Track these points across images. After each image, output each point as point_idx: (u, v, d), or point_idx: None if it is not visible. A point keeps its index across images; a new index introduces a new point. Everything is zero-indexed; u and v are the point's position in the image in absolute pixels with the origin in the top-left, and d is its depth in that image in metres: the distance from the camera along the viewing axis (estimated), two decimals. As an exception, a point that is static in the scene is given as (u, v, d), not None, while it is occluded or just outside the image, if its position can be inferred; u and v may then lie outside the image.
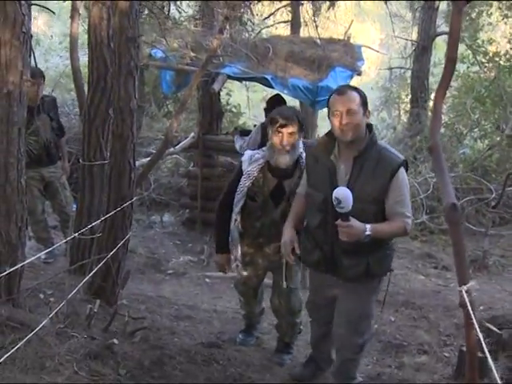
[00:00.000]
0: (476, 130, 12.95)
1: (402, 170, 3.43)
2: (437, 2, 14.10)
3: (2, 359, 3.09)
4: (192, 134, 8.48)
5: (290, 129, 3.90)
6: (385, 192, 3.39)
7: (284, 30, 13.32)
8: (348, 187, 3.30)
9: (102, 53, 4.85)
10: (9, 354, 3.14)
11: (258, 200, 4.17)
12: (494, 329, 4.45)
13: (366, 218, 3.31)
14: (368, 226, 3.28)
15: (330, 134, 3.57)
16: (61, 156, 6.48)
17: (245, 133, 8.02)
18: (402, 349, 5.00)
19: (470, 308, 2.11)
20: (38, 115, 4.94)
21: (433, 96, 15.78)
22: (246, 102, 14.85)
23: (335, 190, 3.20)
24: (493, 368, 1.91)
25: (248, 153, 4.25)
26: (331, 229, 3.44)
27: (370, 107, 3.60)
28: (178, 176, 10.90)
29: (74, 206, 6.54)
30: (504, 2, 13.47)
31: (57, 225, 7.41)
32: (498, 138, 12.16)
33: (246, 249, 4.37)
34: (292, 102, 7.59)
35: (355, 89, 3.52)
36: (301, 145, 4.02)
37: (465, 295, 2.21)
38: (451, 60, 2.54)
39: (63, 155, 6.52)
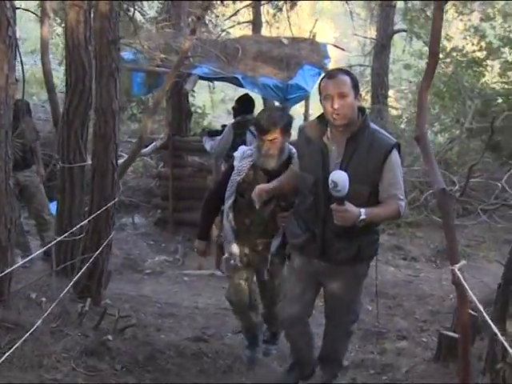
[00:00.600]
0: (436, 124, 13.25)
1: (395, 151, 3.40)
2: (394, 1, 14.39)
3: (2, 360, 3.15)
4: (162, 135, 8.54)
5: (272, 135, 3.87)
6: (378, 174, 3.36)
7: (245, 31, 13.48)
8: (340, 169, 3.29)
9: (80, 56, 4.86)
10: (8, 353, 3.20)
11: (247, 196, 4.06)
12: (472, 312, 4.62)
13: (359, 200, 3.27)
14: (363, 211, 3.21)
15: (322, 116, 3.51)
16: (35, 160, 6.48)
17: (213, 133, 8.11)
18: (382, 336, 5.18)
19: (465, 284, 2.25)
20: (22, 118, 4.95)
21: (391, 93, 16.15)
22: (207, 102, 14.97)
23: (332, 174, 3.14)
24: (498, 334, 2.05)
25: (241, 148, 4.25)
26: (323, 211, 3.42)
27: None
28: (146, 177, 10.93)
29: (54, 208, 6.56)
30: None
31: (29, 229, 7.40)
32: (458, 132, 12.48)
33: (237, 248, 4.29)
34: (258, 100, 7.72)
35: (346, 72, 3.48)
36: (290, 147, 4.03)
37: (458, 273, 2.36)
38: (434, 55, 2.71)
39: (38, 159, 6.52)
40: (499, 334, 2.06)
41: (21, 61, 3.94)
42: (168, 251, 8.05)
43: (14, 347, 3.24)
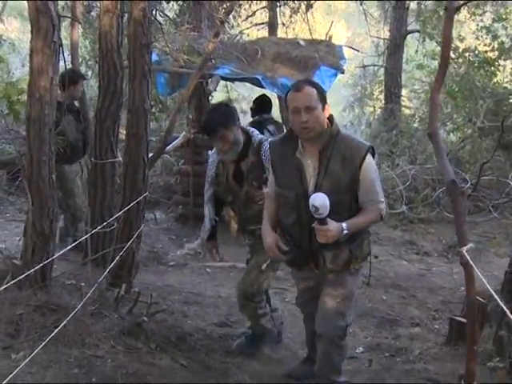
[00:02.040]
0: (449, 123, 13.49)
1: (369, 156, 3.42)
2: (407, 2, 14.65)
3: (50, 337, 3.49)
4: (183, 133, 8.85)
5: (217, 135, 4.04)
6: (356, 181, 3.39)
7: (261, 32, 13.78)
8: (317, 182, 3.38)
9: (113, 58, 5.21)
10: (55, 331, 3.53)
11: (222, 185, 4.34)
12: (481, 299, 4.89)
13: (340, 209, 3.33)
14: (344, 225, 3.28)
15: (291, 131, 3.55)
16: None
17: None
18: (396, 323, 5.48)
19: (472, 264, 2.54)
20: (64, 116, 5.32)
21: (404, 92, 16.40)
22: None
23: (312, 198, 3.20)
24: (505, 310, 2.34)
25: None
26: (307, 225, 3.42)
27: (343, 104, 3.73)
28: (165, 175, 11.25)
29: None
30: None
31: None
32: (470, 131, 12.72)
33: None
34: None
35: (312, 83, 3.53)
36: (250, 130, 4.26)
37: (465, 254, 2.65)
38: (445, 60, 3.00)
39: None
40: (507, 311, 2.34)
41: (64, 64, 4.26)
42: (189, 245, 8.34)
43: (60, 326, 3.57)
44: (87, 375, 3.47)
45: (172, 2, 12.49)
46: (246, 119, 17.71)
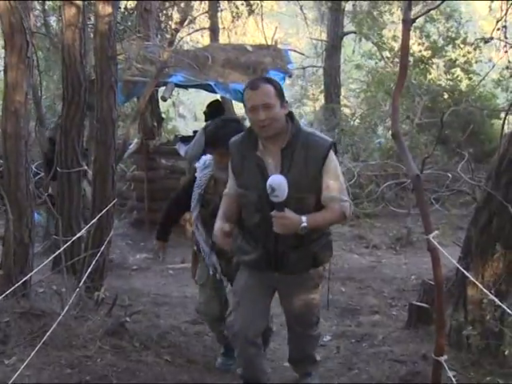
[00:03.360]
0: (388, 120, 13.99)
1: (332, 152, 3.31)
2: (343, 4, 15.14)
3: (42, 341, 3.64)
4: (136, 140, 9.01)
5: (220, 151, 3.84)
6: (319, 178, 3.28)
7: (204, 38, 14.02)
8: None
9: (76, 70, 5.36)
10: (46, 336, 3.69)
11: (209, 207, 4.04)
12: (432, 283, 5.23)
13: (306, 208, 3.23)
14: (304, 218, 3.15)
15: (250, 129, 3.39)
16: None
17: (185, 139, 8.63)
18: (357, 312, 5.83)
19: (440, 248, 2.86)
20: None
21: (342, 92, 16.91)
22: (169, 107, 15.40)
23: (269, 178, 3.10)
24: (483, 289, 2.66)
25: (202, 159, 4.19)
26: (272, 225, 3.21)
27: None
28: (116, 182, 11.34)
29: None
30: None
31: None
32: (408, 127, 13.25)
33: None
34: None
35: (269, 80, 3.36)
36: None
37: (432, 240, 2.97)
38: (404, 67, 3.32)
39: None
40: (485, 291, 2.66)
41: (39, 78, 4.41)
42: (147, 249, 8.46)
43: (50, 330, 3.73)
44: (80, 375, 3.65)
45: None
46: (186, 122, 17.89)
